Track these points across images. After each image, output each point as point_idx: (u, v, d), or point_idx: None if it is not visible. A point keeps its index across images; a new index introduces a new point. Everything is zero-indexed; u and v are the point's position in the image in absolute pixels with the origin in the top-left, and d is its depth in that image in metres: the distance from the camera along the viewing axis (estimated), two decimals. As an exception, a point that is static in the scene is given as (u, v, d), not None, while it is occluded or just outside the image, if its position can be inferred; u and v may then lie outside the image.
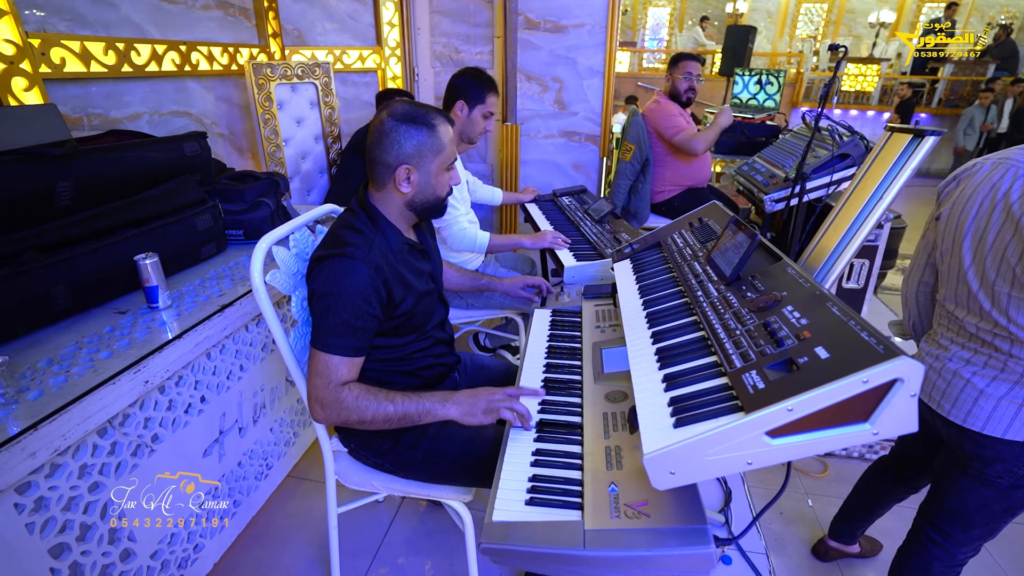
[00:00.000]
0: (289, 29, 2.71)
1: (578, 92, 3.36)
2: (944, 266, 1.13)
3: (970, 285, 1.05)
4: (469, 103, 1.88)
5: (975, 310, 1.06)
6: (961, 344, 1.10)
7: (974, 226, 1.05)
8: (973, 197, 1.05)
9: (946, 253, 1.12)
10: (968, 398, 1.07)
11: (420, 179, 1.14)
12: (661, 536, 0.79)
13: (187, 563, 1.40)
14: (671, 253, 1.41)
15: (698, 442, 0.73)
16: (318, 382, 1.08)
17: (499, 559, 0.86)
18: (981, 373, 1.06)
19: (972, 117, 6.89)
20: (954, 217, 1.09)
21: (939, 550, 1.23)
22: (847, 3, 11.09)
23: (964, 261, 1.06)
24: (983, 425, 1.05)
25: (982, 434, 1.06)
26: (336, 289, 1.05)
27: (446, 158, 1.16)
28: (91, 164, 1.35)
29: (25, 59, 1.55)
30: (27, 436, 0.93)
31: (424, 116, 1.12)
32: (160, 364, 1.21)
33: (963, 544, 1.20)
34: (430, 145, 1.12)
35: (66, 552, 1.06)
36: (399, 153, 1.11)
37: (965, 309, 1.08)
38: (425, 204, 1.19)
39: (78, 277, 1.29)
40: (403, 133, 1.10)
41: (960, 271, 1.08)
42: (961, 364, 1.09)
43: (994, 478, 1.09)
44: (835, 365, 0.71)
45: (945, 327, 1.15)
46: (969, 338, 1.08)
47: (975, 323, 1.06)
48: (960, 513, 1.18)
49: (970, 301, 1.06)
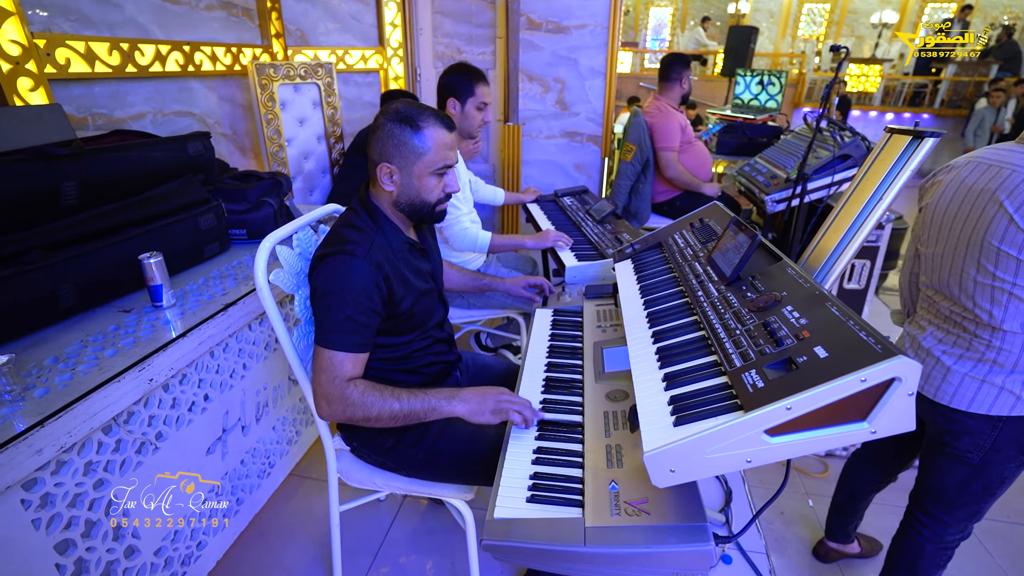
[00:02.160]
0: (292, 29, 2.73)
1: (580, 93, 3.37)
2: (924, 255, 1.23)
3: (944, 272, 1.15)
4: (460, 98, 1.89)
5: (947, 294, 1.16)
6: (936, 325, 1.20)
7: (947, 217, 1.14)
8: (946, 191, 1.15)
9: (926, 242, 1.21)
10: (938, 375, 1.16)
11: (402, 180, 1.14)
12: (661, 533, 0.80)
13: (190, 560, 1.41)
14: (672, 253, 1.41)
15: (698, 440, 0.74)
16: (323, 378, 1.09)
17: (500, 556, 0.87)
18: (950, 352, 1.16)
19: (983, 118, 6.83)
20: (929, 210, 1.20)
21: (928, 532, 1.30)
22: (849, 3, 11.09)
23: (940, 250, 1.16)
24: (950, 399, 1.14)
25: (950, 407, 1.15)
26: (339, 286, 1.06)
27: (430, 162, 1.13)
28: (96, 164, 1.36)
29: (30, 59, 1.56)
30: (33, 433, 0.94)
31: (416, 118, 1.11)
32: (164, 362, 1.22)
33: (949, 525, 1.28)
34: (411, 147, 1.11)
35: (71, 548, 1.07)
36: (381, 151, 1.12)
37: (940, 294, 1.18)
38: (410, 205, 1.17)
39: (83, 276, 1.30)
40: (387, 132, 1.11)
41: (936, 259, 1.17)
42: (934, 343, 1.19)
43: (964, 453, 1.18)
44: (833, 364, 0.71)
45: (925, 309, 1.25)
46: (943, 320, 1.18)
47: (948, 306, 1.16)
48: (942, 493, 1.26)
49: (942, 286, 1.16)
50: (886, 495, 1.61)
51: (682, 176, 2.73)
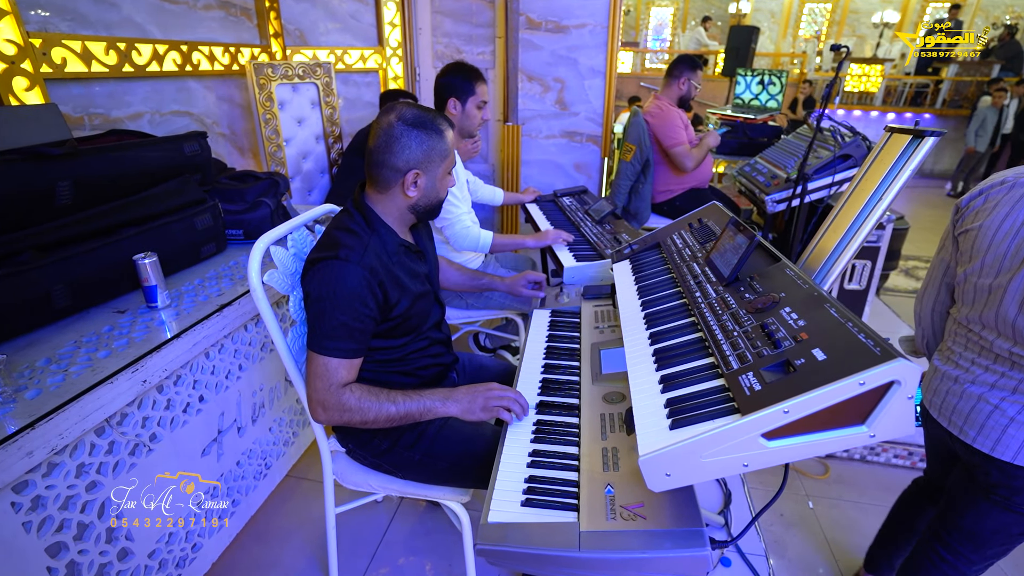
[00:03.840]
0: (291, 29, 2.72)
1: (579, 92, 3.36)
2: (969, 285, 1.05)
3: (1007, 307, 0.97)
4: (461, 98, 1.88)
5: (1007, 332, 0.98)
6: (985, 366, 1.03)
7: (1015, 245, 0.96)
8: (1011, 214, 0.98)
9: (973, 273, 1.04)
10: (996, 426, 1.01)
11: (427, 183, 1.16)
12: (656, 538, 0.78)
13: (185, 562, 1.40)
14: (670, 254, 1.40)
15: (694, 444, 0.73)
16: (319, 384, 1.08)
17: (494, 560, 0.86)
18: (1011, 399, 0.99)
19: (985, 118, 6.80)
20: (985, 233, 1.01)
21: (948, 567, 1.19)
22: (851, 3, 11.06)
23: (1003, 280, 0.98)
24: (1014, 455, 1.00)
25: (1013, 464, 1.00)
26: (331, 292, 1.05)
27: (451, 162, 1.19)
28: (91, 164, 1.35)
29: (26, 59, 1.56)
30: (24, 435, 0.93)
31: (432, 122, 1.13)
32: (158, 363, 1.21)
33: (974, 563, 1.16)
34: (439, 150, 1.14)
35: (63, 551, 1.06)
36: (410, 157, 1.11)
37: (995, 331, 1.01)
38: (428, 207, 1.20)
39: (77, 276, 1.29)
40: (414, 138, 1.11)
41: (994, 292, 0.99)
42: (986, 388, 1.02)
43: (1018, 504, 1.05)
44: (832, 367, 0.70)
45: (964, 346, 1.08)
46: (995, 359, 1.02)
47: (1008, 346, 0.99)
48: (975, 535, 1.13)
49: (1002, 324, 0.98)
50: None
51: (698, 157, 2.70)
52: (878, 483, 1.98)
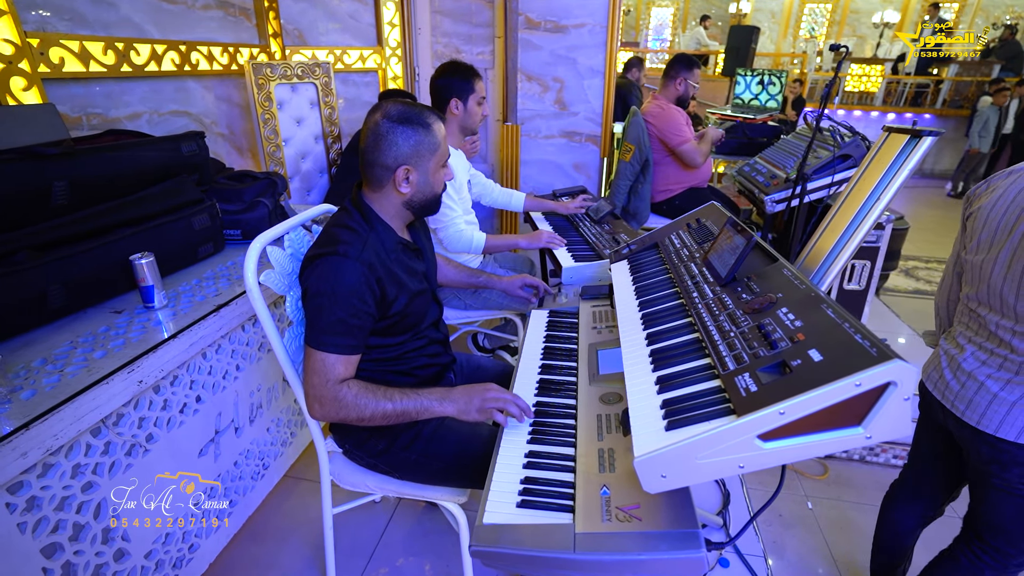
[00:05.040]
0: (290, 29, 2.72)
1: (579, 92, 3.35)
2: (969, 264, 1.12)
3: (996, 279, 1.04)
4: (462, 98, 1.88)
5: (997, 306, 1.05)
6: (978, 344, 1.10)
7: (1007, 218, 1.03)
8: (1007, 193, 1.05)
9: (971, 251, 1.12)
10: (982, 401, 1.07)
11: (419, 178, 1.15)
12: (652, 540, 0.78)
13: (182, 563, 1.40)
14: (668, 254, 1.40)
15: (689, 445, 0.72)
16: (315, 380, 1.08)
17: (489, 562, 0.85)
18: (995, 376, 1.06)
19: (987, 118, 6.78)
20: (983, 212, 1.09)
21: (989, 559, 1.20)
22: (851, 3, 11.05)
23: (994, 254, 1.05)
24: (996, 427, 1.05)
25: (996, 437, 1.05)
26: (330, 288, 1.05)
27: (442, 155, 1.18)
28: (87, 163, 1.35)
29: (24, 59, 1.55)
30: (19, 435, 0.93)
31: (419, 116, 1.12)
32: (154, 364, 1.21)
33: (1013, 556, 1.18)
34: (427, 144, 1.13)
35: (59, 552, 1.06)
36: (398, 154, 1.11)
37: (987, 306, 1.08)
38: (423, 202, 1.20)
39: (73, 277, 1.29)
40: (400, 134, 1.10)
41: (988, 265, 1.06)
42: (976, 366, 1.09)
43: (1015, 485, 1.09)
44: (828, 368, 0.70)
45: (965, 325, 1.15)
46: (987, 337, 1.08)
47: (996, 319, 1.05)
48: (1000, 527, 1.16)
49: (992, 297, 1.05)
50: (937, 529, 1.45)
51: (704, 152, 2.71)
52: (877, 483, 1.97)
